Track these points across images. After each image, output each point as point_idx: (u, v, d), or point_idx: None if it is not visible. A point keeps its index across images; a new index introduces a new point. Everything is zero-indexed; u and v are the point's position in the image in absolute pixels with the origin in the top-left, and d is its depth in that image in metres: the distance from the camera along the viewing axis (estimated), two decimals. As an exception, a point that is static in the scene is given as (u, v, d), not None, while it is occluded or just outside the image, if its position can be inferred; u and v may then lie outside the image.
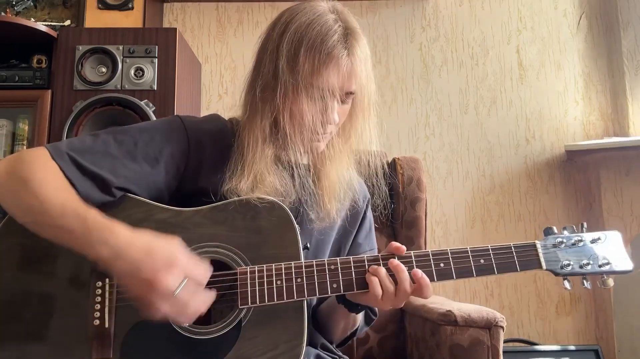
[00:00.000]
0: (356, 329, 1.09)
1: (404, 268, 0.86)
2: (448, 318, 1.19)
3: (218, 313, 0.88)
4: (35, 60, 2.00)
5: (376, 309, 1.12)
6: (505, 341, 1.79)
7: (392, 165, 1.76)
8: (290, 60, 0.91)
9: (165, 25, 2.44)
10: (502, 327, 1.18)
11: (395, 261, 0.87)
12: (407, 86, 2.40)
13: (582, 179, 2.30)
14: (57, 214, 0.80)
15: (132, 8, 2.17)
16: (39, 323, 0.82)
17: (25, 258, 0.85)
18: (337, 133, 1.00)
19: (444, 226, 2.30)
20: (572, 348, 2.02)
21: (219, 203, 0.90)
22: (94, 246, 0.78)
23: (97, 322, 0.81)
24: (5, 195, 0.85)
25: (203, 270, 0.80)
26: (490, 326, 1.17)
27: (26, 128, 1.98)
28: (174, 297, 0.75)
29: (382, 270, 0.86)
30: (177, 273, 0.76)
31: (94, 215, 0.80)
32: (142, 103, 1.85)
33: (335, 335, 1.09)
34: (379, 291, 0.85)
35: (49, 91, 1.90)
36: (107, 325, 0.81)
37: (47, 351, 0.81)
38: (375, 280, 0.85)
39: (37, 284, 0.84)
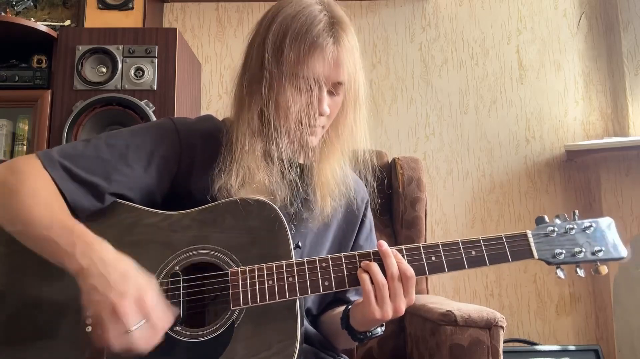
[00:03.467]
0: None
1: (391, 254, 0.84)
2: (448, 318, 1.19)
3: (212, 315, 0.87)
4: (35, 60, 2.00)
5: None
6: (505, 341, 1.79)
7: (392, 165, 1.76)
8: (275, 51, 0.91)
9: (165, 25, 2.44)
10: (502, 327, 1.17)
11: (384, 247, 0.85)
12: (407, 86, 2.40)
13: (582, 179, 2.30)
14: (44, 226, 0.80)
15: (132, 8, 2.16)
16: (28, 331, 0.81)
17: (15, 267, 0.84)
18: (329, 128, 0.98)
19: (444, 226, 2.30)
20: (572, 348, 2.02)
21: (208, 205, 0.89)
22: (77, 259, 0.77)
23: (89, 329, 0.80)
24: None
25: (166, 318, 0.78)
26: (490, 326, 1.16)
27: (26, 128, 1.98)
28: (126, 333, 0.73)
29: (374, 265, 0.84)
30: (142, 309, 0.75)
31: (81, 229, 0.80)
32: (142, 103, 1.85)
33: (338, 349, 1.09)
34: (370, 287, 0.83)
35: (49, 91, 1.90)
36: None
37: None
38: (365, 276, 0.83)
39: (27, 292, 0.83)
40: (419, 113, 2.38)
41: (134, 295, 0.74)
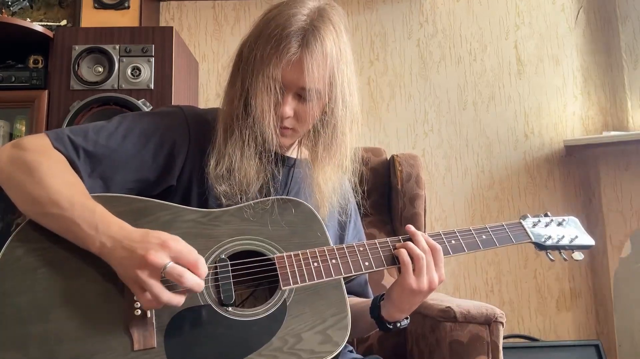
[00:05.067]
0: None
1: (419, 233, 0.94)
2: (447, 315, 1.19)
3: (260, 298, 0.92)
4: (31, 61, 2.00)
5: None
6: (505, 338, 1.78)
7: (391, 162, 1.76)
8: (250, 50, 0.93)
9: (162, 24, 2.43)
10: (502, 323, 1.17)
11: (412, 228, 0.95)
12: (405, 83, 2.39)
13: (581, 174, 2.30)
14: (66, 206, 0.80)
15: (129, 7, 2.16)
16: (70, 321, 0.80)
17: (47, 261, 0.83)
18: (317, 138, 0.96)
19: (444, 222, 2.30)
20: (573, 343, 2.01)
21: (245, 203, 0.93)
22: (100, 240, 0.79)
23: (138, 313, 0.80)
24: (10, 184, 0.85)
25: (194, 254, 0.80)
26: (489, 322, 1.16)
27: (23, 129, 1.98)
28: (162, 274, 0.76)
29: (409, 242, 0.94)
30: (168, 251, 0.77)
31: (101, 210, 0.82)
32: (140, 102, 1.85)
33: (353, 336, 1.12)
34: (408, 259, 0.91)
35: (46, 91, 1.90)
36: (149, 315, 0.81)
37: (83, 348, 0.78)
38: (403, 251, 0.93)
39: (63, 283, 0.82)
40: (417, 109, 2.37)
41: (157, 243, 0.77)
